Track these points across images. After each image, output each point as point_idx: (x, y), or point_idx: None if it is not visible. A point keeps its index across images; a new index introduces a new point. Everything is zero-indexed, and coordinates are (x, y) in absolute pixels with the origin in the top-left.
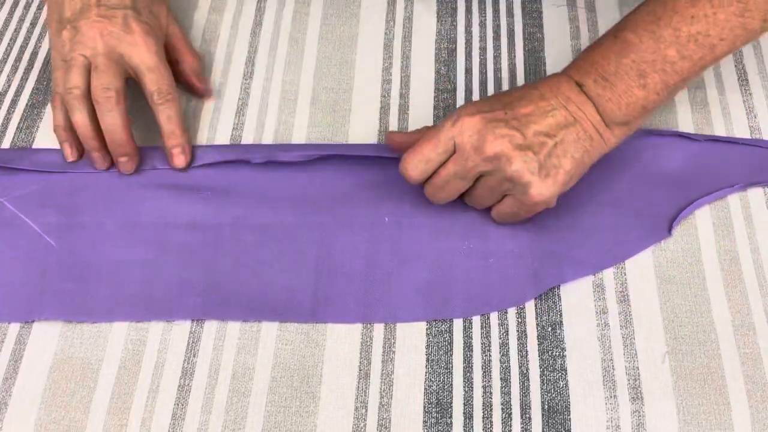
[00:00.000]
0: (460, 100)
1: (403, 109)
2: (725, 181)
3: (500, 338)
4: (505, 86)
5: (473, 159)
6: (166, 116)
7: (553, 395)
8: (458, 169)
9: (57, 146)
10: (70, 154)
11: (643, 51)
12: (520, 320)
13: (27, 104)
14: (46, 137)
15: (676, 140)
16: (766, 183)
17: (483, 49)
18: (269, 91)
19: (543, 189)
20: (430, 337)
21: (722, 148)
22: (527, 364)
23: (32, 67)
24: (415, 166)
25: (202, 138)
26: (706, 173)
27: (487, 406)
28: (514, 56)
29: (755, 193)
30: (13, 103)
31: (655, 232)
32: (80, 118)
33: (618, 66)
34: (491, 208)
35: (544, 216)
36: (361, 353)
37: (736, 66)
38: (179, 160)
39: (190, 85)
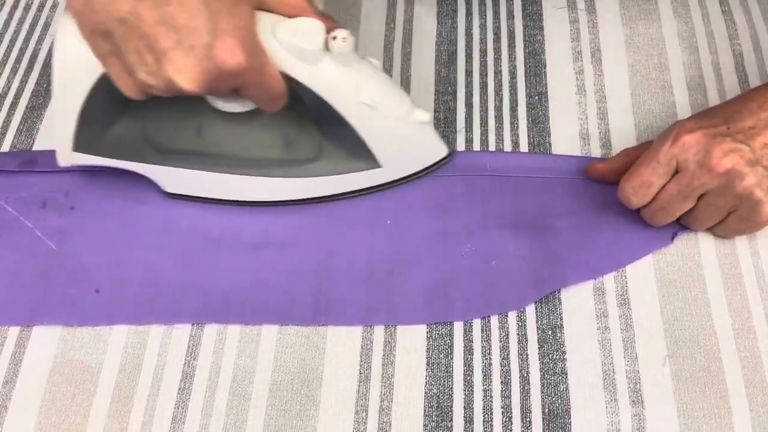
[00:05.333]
0: (461, 102)
1: None
2: None
3: (501, 341)
4: (506, 88)
5: (700, 177)
6: None
7: (554, 399)
8: (682, 188)
9: None
10: None
11: None
12: (520, 323)
13: (27, 106)
14: (46, 139)
15: None
16: None
17: (483, 51)
18: None
19: None
20: (431, 340)
21: None
22: (528, 368)
23: (32, 70)
24: (636, 191)
25: None
26: None
27: (488, 410)
28: (515, 58)
29: None
30: (13, 105)
31: (657, 238)
32: None
33: None
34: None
35: (546, 220)
36: (361, 356)
37: (736, 68)
38: None
39: None
